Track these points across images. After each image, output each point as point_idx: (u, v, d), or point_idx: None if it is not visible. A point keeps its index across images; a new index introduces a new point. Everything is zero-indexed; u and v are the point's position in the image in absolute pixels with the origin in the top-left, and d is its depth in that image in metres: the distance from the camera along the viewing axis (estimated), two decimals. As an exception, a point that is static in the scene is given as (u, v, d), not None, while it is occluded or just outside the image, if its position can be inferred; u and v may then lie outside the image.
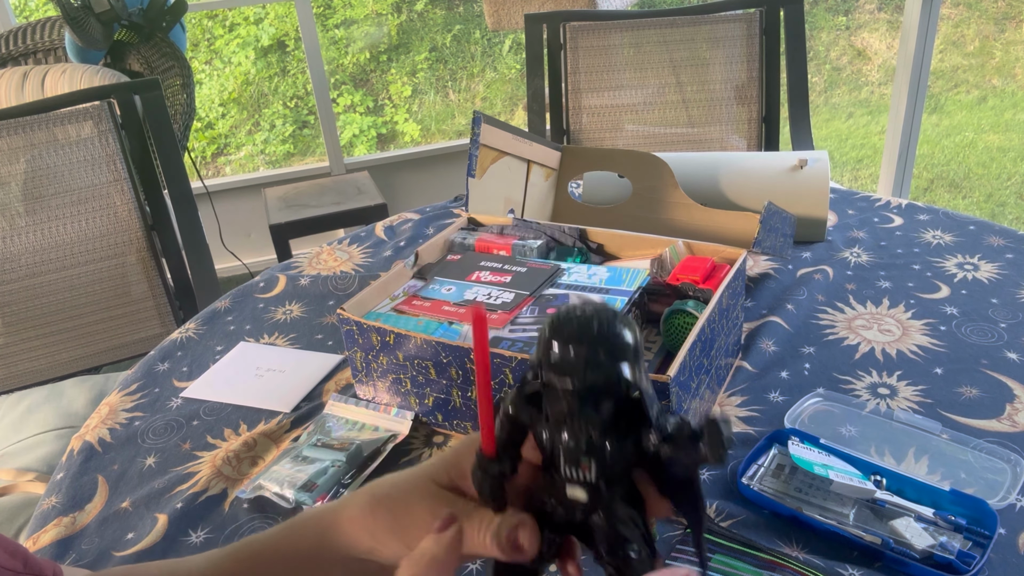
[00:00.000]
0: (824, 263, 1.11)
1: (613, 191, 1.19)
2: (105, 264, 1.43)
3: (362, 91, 4.66)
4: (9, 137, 1.35)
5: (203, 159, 4.54)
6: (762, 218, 0.91)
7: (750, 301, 1.03)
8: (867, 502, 0.68)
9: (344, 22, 4.64)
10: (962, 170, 3.75)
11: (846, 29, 5.00)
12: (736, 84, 1.88)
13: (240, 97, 4.59)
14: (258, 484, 0.77)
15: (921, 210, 1.24)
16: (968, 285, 1.03)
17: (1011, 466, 0.72)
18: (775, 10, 1.82)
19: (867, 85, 4.77)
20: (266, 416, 0.89)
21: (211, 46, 4.61)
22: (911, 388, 0.84)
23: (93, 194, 1.41)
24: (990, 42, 4.79)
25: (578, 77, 1.89)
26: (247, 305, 1.14)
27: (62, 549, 0.74)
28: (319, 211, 2.47)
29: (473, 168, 1.02)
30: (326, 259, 1.26)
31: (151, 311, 1.48)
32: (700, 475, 0.39)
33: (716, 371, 0.82)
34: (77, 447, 0.88)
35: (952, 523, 0.65)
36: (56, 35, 2.16)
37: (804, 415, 0.81)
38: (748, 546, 0.65)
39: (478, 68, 4.79)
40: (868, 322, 0.97)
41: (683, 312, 0.82)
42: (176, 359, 1.03)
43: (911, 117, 2.55)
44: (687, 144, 1.93)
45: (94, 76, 1.79)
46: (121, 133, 1.41)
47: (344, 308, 0.83)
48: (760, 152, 1.42)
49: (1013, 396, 0.82)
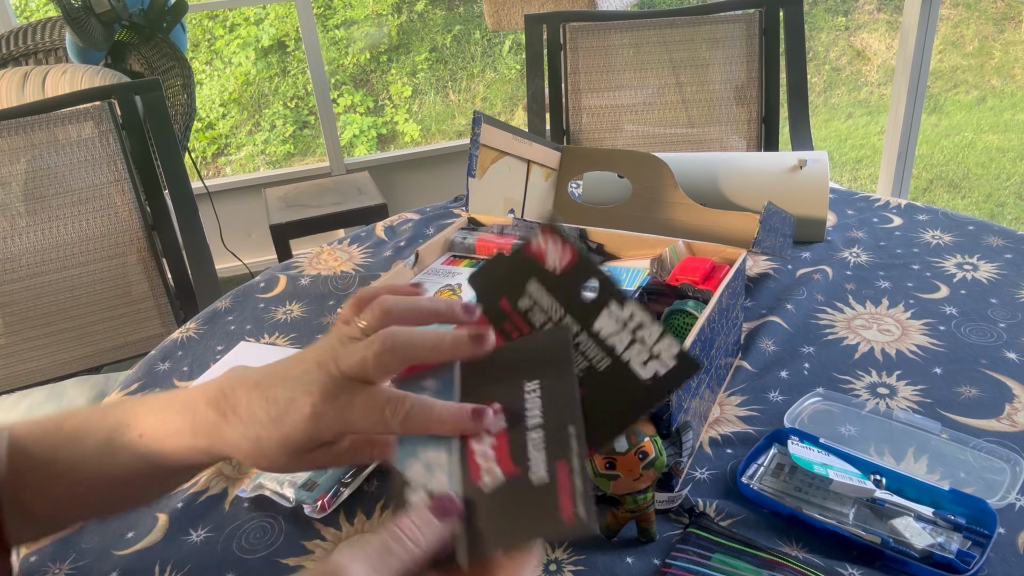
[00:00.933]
0: (824, 263, 1.11)
1: (613, 191, 1.20)
2: (106, 264, 1.44)
3: (362, 91, 4.67)
4: (10, 137, 1.35)
5: (203, 159, 4.54)
6: (762, 218, 0.91)
7: (750, 301, 1.03)
8: (867, 501, 0.68)
9: (344, 22, 4.65)
10: (961, 170, 3.75)
11: (845, 29, 5.00)
12: (736, 84, 1.88)
13: (240, 97, 4.59)
14: (259, 483, 0.77)
15: (920, 210, 1.25)
16: (967, 285, 1.03)
17: (1010, 466, 0.72)
18: (775, 10, 1.82)
19: (866, 85, 4.78)
20: (267, 416, 0.89)
21: (212, 46, 4.61)
22: (910, 388, 0.85)
23: (94, 194, 1.41)
24: (989, 42, 4.80)
25: (578, 77, 1.90)
26: (247, 305, 1.15)
27: (62, 548, 0.74)
28: (319, 211, 2.47)
29: (473, 168, 1.02)
30: (326, 259, 1.26)
31: (152, 311, 1.48)
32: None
33: (716, 371, 0.83)
34: (78, 447, 0.88)
35: (952, 522, 0.65)
36: (57, 35, 2.16)
37: (804, 415, 0.81)
38: (748, 545, 0.65)
39: (478, 68, 4.79)
40: (867, 322, 0.97)
41: (683, 312, 0.82)
42: (177, 359, 1.03)
43: (910, 117, 2.55)
44: (687, 144, 1.94)
45: (95, 76, 1.79)
46: (122, 133, 1.41)
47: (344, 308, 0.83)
48: (760, 152, 1.42)
49: (1012, 396, 0.82)
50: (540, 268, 0.46)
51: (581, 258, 0.45)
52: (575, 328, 0.44)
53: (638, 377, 0.42)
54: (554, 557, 0.67)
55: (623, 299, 0.44)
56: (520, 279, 0.47)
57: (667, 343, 0.42)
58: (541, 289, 0.46)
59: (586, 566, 0.66)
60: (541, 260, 0.46)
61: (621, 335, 0.43)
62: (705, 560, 0.64)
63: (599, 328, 0.44)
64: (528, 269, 0.47)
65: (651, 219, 1.09)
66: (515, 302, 0.46)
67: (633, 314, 0.43)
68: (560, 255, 0.46)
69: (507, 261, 0.47)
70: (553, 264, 0.46)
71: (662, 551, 0.66)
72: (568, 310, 0.45)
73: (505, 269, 0.47)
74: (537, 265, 0.46)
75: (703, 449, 0.78)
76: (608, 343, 0.43)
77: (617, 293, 0.44)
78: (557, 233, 0.46)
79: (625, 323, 0.43)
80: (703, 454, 0.77)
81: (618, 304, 0.44)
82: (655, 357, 0.42)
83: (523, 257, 0.47)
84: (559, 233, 0.46)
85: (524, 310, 0.46)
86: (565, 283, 0.45)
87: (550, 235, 0.46)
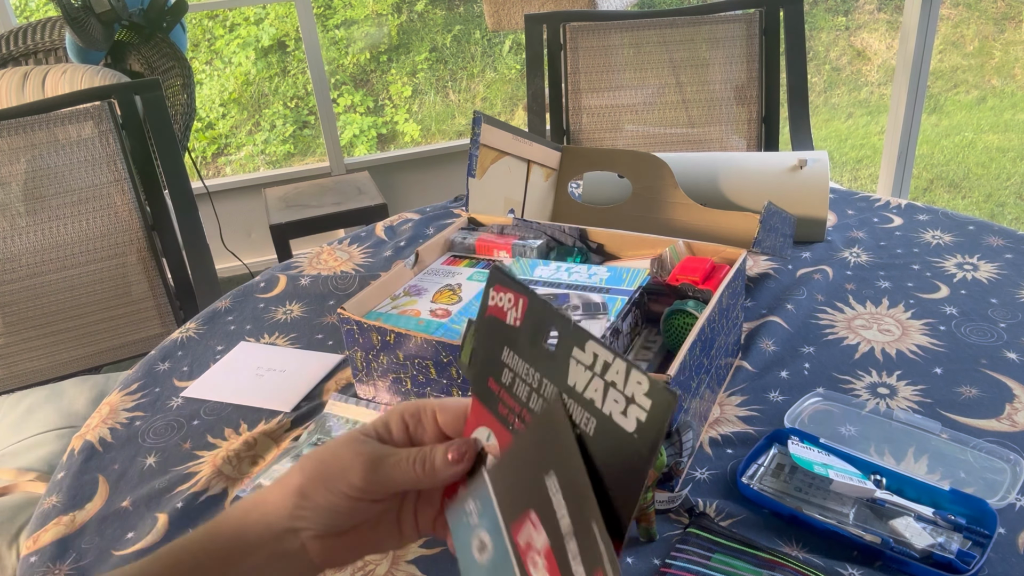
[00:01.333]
0: (824, 263, 1.11)
1: (613, 191, 1.20)
2: (106, 264, 1.44)
3: (362, 91, 4.67)
4: (10, 137, 1.35)
5: (203, 159, 4.54)
6: (762, 218, 0.91)
7: (750, 301, 1.03)
8: (867, 501, 0.68)
9: (344, 22, 4.64)
10: (961, 170, 3.75)
11: (846, 29, 5.00)
12: (736, 84, 1.88)
13: (240, 97, 4.59)
14: (259, 484, 0.77)
15: (921, 210, 1.25)
16: (968, 285, 1.03)
17: (1011, 466, 0.72)
18: (775, 10, 1.82)
19: (867, 85, 4.77)
20: (266, 416, 0.89)
21: (211, 46, 4.61)
22: (911, 388, 0.85)
23: (94, 194, 1.41)
24: (989, 42, 4.79)
25: (578, 77, 1.90)
26: (247, 305, 1.14)
27: (62, 548, 0.74)
28: (319, 211, 2.47)
29: (473, 168, 1.02)
30: (326, 259, 1.26)
31: (151, 311, 1.48)
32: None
33: (716, 371, 0.82)
34: (78, 447, 0.88)
35: (952, 522, 0.65)
36: (57, 35, 2.16)
37: (804, 415, 0.81)
38: (748, 545, 0.65)
39: (478, 68, 4.79)
40: (868, 322, 0.97)
41: (683, 312, 0.82)
42: (177, 359, 1.03)
43: (911, 117, 2.55)
44: (687, 144, 1.94)
45: (95, 76, 1.79)
46: (121, 133, 1.41)
47: (344, 308, 0.83)
48: (760, 152, 1.42)
49: (1012, 396, 0.82)
50: (505, 328, 0.43)
51: (532, 300, 0.41)
52: (557, 389, 0.39)
53: (624, 431, 0.36)
54: (554, 557, 0.67)
55: (583, 340, 0.38)
56: (495, 349, 0.43)
57: (635, 379, 0.35)
58: (512, 354, 0.42)
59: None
60: (503, 318, 0.43)
61: (594, 383, 0.37)
62: (705, 560, 0.64)
63: (574, 383, 0.38)
64: (497, 334, 0.43)
65: (651, 219, 1.09)
66: (499, 379, 0.43)
67: (596, 354, 0.37)
68: (514, 305, 0.42)
69: (481, 331, 0.44)
70: (512, 318, 0.42)
71: (662, 551, 0.66)
72: (542, 372, 0.40)
73: (482, 341, 0.44)
74: (502, 325, 0.43)
75: (703, 449, 0.78)
76: (586, 397, 0.38)
77: (574, 334, 0.38)
78: (505, 280, 0.43)
79: (592, 367, 0.37)
80: (703, 454, 0.77)
81: (579, 348, 0.38)
82: (632, 401, 0.35)
83: (488, 322, 0.44)
84: (507, 278, 0.43)
85: (508, 385, 0.42)
86: (529, 337, 0.41)
87: (500, 286, 0.43)
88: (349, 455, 0.44)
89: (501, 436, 0.43)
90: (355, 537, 0.46)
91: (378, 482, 0.44)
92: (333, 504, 0.43)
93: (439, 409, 0.46)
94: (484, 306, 0.44)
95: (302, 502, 0.44)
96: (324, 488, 0.43)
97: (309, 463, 0.45)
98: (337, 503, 0.43)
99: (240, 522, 0.45)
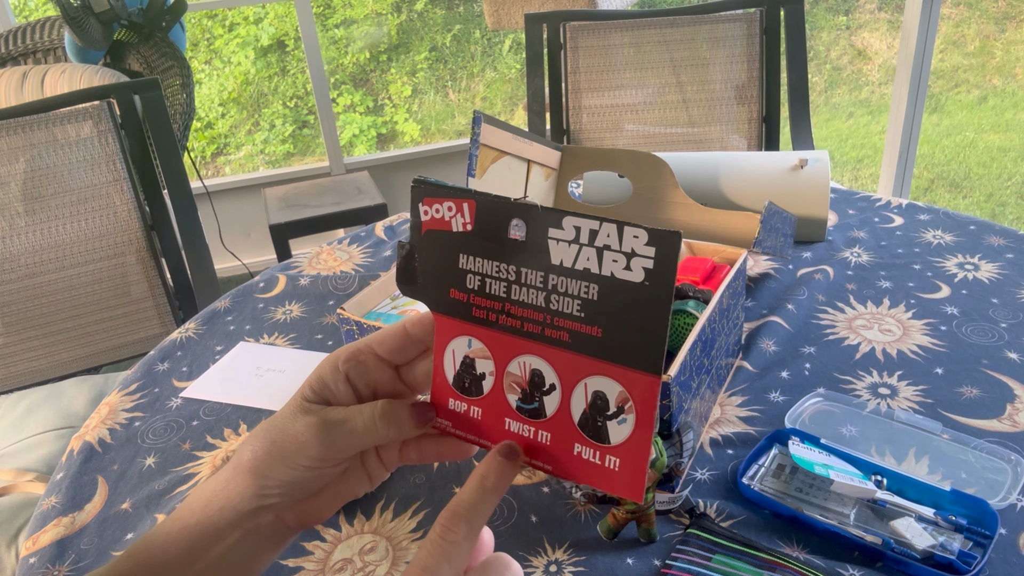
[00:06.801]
0: (824, 263, 1.11)
1: (613, 191, 1.19)
2: (105, 264, 1.43)
3: (362, 91, 4.66)
4: (9, 137, 1.35)
5: (203, 159, 4.54)
6: (762, 218, 0.91)
7: (750, 301, 1.03)
8: (868, 502, 0.68)
9: (344, 22, 4.64)
10: (962, 170, 3.75)
11: (846, 29, 5.00)
12: (736, 84, 1.88)
13: (240, 97, 4.59)
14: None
15: (921, 210, 1.24)
16: (968, 285, 1.03)
17: (1012, 466, 0.71)
18: (775, 10, 1.82)
19: (867, 85, 4.77)
20: (266, 416, 0.89)
21: (211, 46, 4.61)
22: (911, 388, 0.84)
23: (93, 194, 1.40)
24: (990, 42, 4.79)
25: (578, 77, 1.89)
26: (247, 305, 1.14)
27: (61, 549, 0.74)
28: (319, 211, 2.47)
29: (473, 168, 1.02)
30: (326, 259, 1.26)
31: (151, 311, 1.48)
32: None
33: (716, 371, 0.82)
34: (77, 447, 0.88)
35: (953, 523, 0.65)
36: (56, 35, 2.16)
37: (804, 415, 0.81)
38: (748, 546, 0.65)
39: (478, 68, 4.79)
40: (868, 322, 0.97)
41: (683, 312, 0.82)
42: (176, 359, 1.03)
43: (911, 117, 2.55)
44: (687, 144, 1.93)
45: (94, 76, 1.79)
46: (121, 133, 1.41)
47: (344, 308, 0.83)
48: (760, 152, 1.42)
49: (1014, 396, 0.82)
50: (452, 236, 0.41)
51: (481, 201, 0.40)
52: (541, 272, 0.39)
53: (632, 283, 0.36)
54: (555, 558, 0.67)
55: (557, 219, 0.38)
56: (447, 261, 0.42)
57: (631, 234, 0.36)
58: (471, 259, 0.41)
59: (586, 567, 0.65)
60: (447, 228, 0.42)
61: (584, 252, 0.38)
62: (706, 561, 0.64)
63: (559, 260, 0.38)
64: (443, 246, 0.42)
65: (651, 219, 1.09)
66: (463, 287, 0.42)
67: (578, 227, 0.38)
68: (458, 211, 0.41)
69: (423, 250, 0.43)
70: (460, 224, 0.41)
71: (662, 552, 0.66)
72: (517, 263, 0.40)
73: (427, 258, 0.43)
74: (447, 236, 0.42)
75: (704, 450, 0.78)
76: (579, 269, 0.38)
77: (545, 216, 0.38)
78: (436, 191, 0.42)
79: (577, 239, 0.38)
80: (704, 455, 0.77)
81: (555, 227, 0.38)
82: (633, 255, 0.36)
83: (429, 237, 0.42)
84: (438, 188, 0.41)
85: (477, 289, 0.41)
86: (487, 236, 0.40)
87: (430, 198, 0.42)
88: (300, 429, 0.43)
89: (486, 335, 0.42)
90: (326, 494, 0.46)
91: (337, 448, 0.43)
92: (296, 477, 0.43)
93: (376, 344, 0.44)
94: (417, 224, 0.43)
95: (264, 482, 0.43)
96: (283, 465, 0.43)
97: (260, 444, 0.44)
98: (300, 476, 0.43)
99: (203, 513, 0.44)
